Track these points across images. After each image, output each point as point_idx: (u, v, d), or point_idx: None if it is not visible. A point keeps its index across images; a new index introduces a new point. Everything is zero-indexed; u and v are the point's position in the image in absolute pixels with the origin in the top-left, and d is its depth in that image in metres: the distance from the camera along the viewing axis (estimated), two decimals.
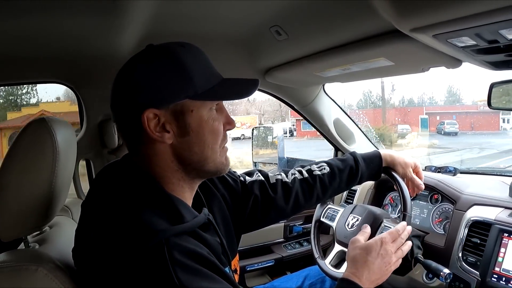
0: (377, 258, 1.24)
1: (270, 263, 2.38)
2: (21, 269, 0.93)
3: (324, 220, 1.86)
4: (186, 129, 0.95)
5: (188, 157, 0.98)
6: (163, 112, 0.94)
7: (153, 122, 0.93)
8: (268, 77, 2.10)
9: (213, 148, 1.00)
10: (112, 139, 2.00)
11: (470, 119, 24.93)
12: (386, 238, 1.29)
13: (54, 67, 1.83)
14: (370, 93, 30.22)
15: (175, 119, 0.95)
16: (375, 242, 1.28)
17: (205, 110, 0.97)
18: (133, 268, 0.81)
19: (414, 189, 1.64)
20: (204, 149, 0.99)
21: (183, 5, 1.39)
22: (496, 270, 1.41)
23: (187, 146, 0.97)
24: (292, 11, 1.43)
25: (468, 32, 1.05)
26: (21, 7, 1.24)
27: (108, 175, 1.03)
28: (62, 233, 1.29)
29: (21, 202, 1.02)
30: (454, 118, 24.37)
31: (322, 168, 1.52)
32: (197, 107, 0.96)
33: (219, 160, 1.03)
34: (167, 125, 0.94)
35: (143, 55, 0.98)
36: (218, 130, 1.01)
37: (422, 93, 33.87)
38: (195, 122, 0.96)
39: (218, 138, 1.01)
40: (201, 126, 0.97)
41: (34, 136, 1.03)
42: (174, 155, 0.97)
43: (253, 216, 1.37)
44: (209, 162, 1.01)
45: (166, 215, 0.90)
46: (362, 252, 1.26)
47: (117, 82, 0.99)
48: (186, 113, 0.95)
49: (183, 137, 0.96)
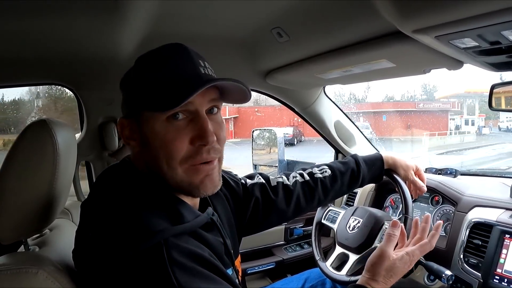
0: (396, 277, 1.22)
1: (271, 266, 2.38)
2: (21, 272, 0.92)
3: (325, 222, 1.86)
4: (144, 140, 0.95)
5: (151, 168, 0.97)
6: (131, 122, 0.97)
7: (127, 129, 0.99)
8: (269, 79, 2.10)
9: (169, 164, 0.93)
10: (113, 141, 1.99)
11: (406, 119, 22.59)
12: (414, 254, 1.25)
13: (55, 69, 1.83)
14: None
15: (137, 128, 0.96)
16: (404, 264, 1.23)
17: (158, 121, 0.91)
18: (131, 269, 0.80)
19: (416, 191, 1.64)
20: (159, 163, 0.93)
21: (184, 6, 1.39)
22: (498, 271, 1.41)
23: (147, 156, 0.96)
24: (294, 12, 1.43)
25: (470, 34, 1.05)
26: (21, 8, 1.23)
27: (108, 177, 1.02)
28: (62, 235, 1.29)
29: (21, 205, 1.01)
30: (384, 118, 22.37)
31: (324, 171, 1.52)
32: (151, 118, 0.92)
33: (181, 179, 0.94)
34: (134, 134, 0.97)
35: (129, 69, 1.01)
36: (172, 144, 0.91)
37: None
38: (149, 134, 0.93)
39: (174, 153, 0.92)
40: (152, 138, 0.93)
41: (35, 138, 1.03)
42: (144, 163, 0.98)
43: (254, 219, 1.37)
44: (168, 178, 0.94)
45: (166, 215, 0.90)
46: (387, 274, 1.20)
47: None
48: (143, 124, 0.94)
49: (144, 147, 0.96)
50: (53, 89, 9.34)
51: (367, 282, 1.19)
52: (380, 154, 1.65)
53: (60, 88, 2.22)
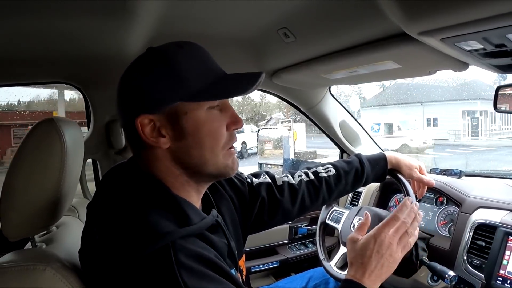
0: (372, 256, 1.12)
1: (275, 264, 2.39)
2: (28, 269, 0.92)
3: (330, 222, 1.86)
4: (182, 133, 0.94)
5: (187, 161, 0.96)
6: (158, 117, 0.93)
7: (149, 127, 0.94)
8: (275, 79, 2.11)
9: (214, 151, 0.97)
10: (119, 140, 2.00)
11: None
12: (380, 231, 1.16)
13: (62, 68, 1.83)
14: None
15: (170, 123, 0.94)
16: (368, 240, 1.15)
17: (201, 111, 0.94)
18: (139, 271, 0.80)
19: (422, 190, 1.64)
20: (203, 152, 0.96)
21: (191, 6, 1.39)
22: (501, 273, 1.40)
23: (185, 149, 0.95)
24: (300, 13, 1.43)
25: (475, 36, 1.05)
26: (29, 7, 1.23)
27: (114, 177, 1.02)
28: (69, 233, 1.30)
29: (29, 202, 1.02)
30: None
31: (328, 170, 1.52)
32: (191, 109, 0.93)
33: (222, 163, 0.99)
34: (162, 130, 0.94)
35: (140, 59, 0.98)
36: (218, 131, 0.97)
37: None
38: (191, 125, 0.94)
39: (219, 140, 0.97)
40: (197, 129, 0.94)
41: (43, 136, 1.03)
42: (174, 160, 0.96)
43: (259, 218, 1.37)
44: (210, 165, 0.98)
45: (173, 217, 0.90)
46: (356, 255, 1.16)
47: (118, 88, 0.99)
48: (181, 116, 0.93)
49: (180, 141, 0.95)
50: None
51: (350, 276, 1.13)
52: (383, 154, 1.65)
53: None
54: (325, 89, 2.41)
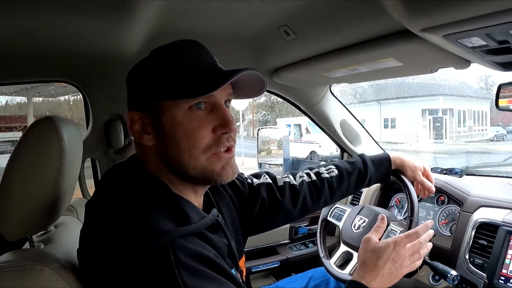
0: (387, 263, 1.18)
1: (276, 265, 2.38)
2: (26, 269, 0.91)
3: (331, 219, 1.86)
4: (161, 132, 0.93)
5: (168, 161, 0.96)
6: (145, 114, 0.95)
7: (138, 123, 0.96)
8: (276, 78, 2.10)
9: (191, 153, 0.93)
10: (118, 139, 2.00)
11: None
12: (400, 240, 1.22)
13: (61, 66, 1.83)
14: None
15: (154, 121, 0.94)
16: (388, 245, 1.21)
17: (178, 111, 0.91)
18: (137, 270, 0.80)
19: (425, 192, 1.63)
20: (179, 153, 0.93)
21: (191, 4, 1.39)
22: (503, 272, 1.40)
23: (165, 148, 0.95)
24: (301, 11, 1.42)
25: (478, 33, 1.04)
26: (28, 6, 1.23)
27: (113, 175, 1.02)
28: (67, 232, 1.29)
29: (27, 201, 1.01)
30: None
31: (331, 171, 1.51)
32: (169, 108, 0.92)
33: (204, 167, 0.95)
34: (148, 127, 0.95)
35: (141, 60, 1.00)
36: (196, 132, 0.92)
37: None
38: (168, 124, 0.92)
39: (196, 142, 0.92)
40: (173, 128, 0.92)
41: (41, 135, 1.03)
42: (160, 158, 0.96)
43: (260, 219, 1.36)
44: (190, 168, 0.94)
45: (172, 216, 0.89)
46: (372, 256, 1.20)
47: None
48: (160, 114, 0.93)
49: (161, 139, 0.94)
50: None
51: (357, 278, 1.17)
52: (387, 154, 1.63)
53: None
54: (325, 88, 2.40)
